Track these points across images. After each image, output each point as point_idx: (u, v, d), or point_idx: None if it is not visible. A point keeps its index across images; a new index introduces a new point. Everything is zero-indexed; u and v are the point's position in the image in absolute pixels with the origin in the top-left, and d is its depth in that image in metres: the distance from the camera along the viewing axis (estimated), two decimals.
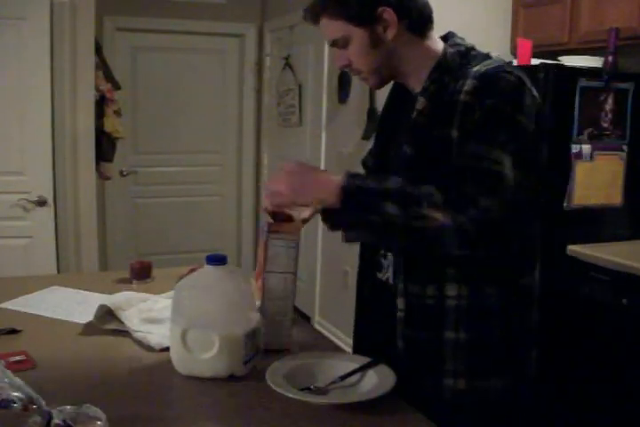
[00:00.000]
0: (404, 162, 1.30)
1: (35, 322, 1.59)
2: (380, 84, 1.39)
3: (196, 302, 1.28)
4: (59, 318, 1.62)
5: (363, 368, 1.27)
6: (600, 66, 2.71)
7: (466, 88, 1.22)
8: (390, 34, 1.30)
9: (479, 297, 1.28)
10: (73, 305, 1.71)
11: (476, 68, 1.25)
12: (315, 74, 4.20)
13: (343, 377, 1.24)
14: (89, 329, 1.54)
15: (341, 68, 1.39)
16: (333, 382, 1.23)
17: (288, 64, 4.54)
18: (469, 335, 1.28)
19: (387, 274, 1.39)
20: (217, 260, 1.30)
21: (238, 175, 5.15)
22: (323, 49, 4.04)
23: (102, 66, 4.00)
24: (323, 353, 1.36)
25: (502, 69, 1.24)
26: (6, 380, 0.95)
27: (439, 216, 1.16)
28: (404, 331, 1.32)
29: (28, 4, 3.11)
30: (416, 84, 1.34)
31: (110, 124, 4.02)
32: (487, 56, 1.31)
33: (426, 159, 1.27)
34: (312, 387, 1.21)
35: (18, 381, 0.96)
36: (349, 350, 1.65)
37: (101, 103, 3.91)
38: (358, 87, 3.69)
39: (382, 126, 1.50)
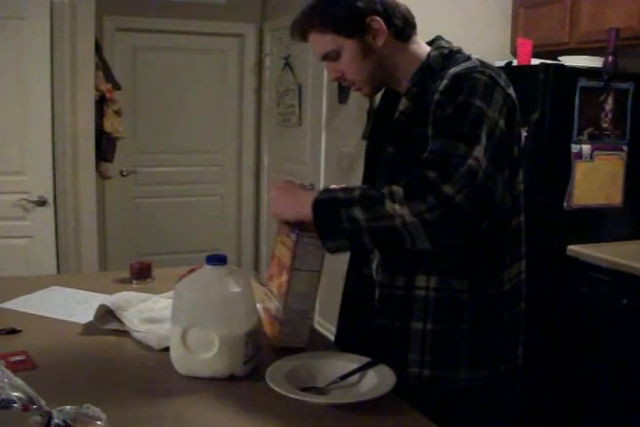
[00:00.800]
0: (386, 160, 1.36)
1: (35, 322, 1.59)
2: (374, 92, 1.44)
3: (195, 302, 1.28)
4: (59, 318, 1.62)
5: (363, 368, 1.27)
6: (600, 66, 2.71)
7: (440, 88, 1.26)
8: (380, 42, 1.34)
9: (447, 289, 1.30)
10: (73, 305, 1.71)
11: (452, 70, 1.28)
12: (315, 74, 4.19)
13: (343, 377, 1.24)
14: (89, 329, 1.54)
15: (335, 80, 1.43)
16: (333, 382, 1.23)
17: (288, 64, 4.54)
18: (436, 326, 1.30)
19: (372, 269, 1.43)
20: (217, 260, 1.30)
21: (238, 175, 5.15)
22: None
23: (102, 66, 4.00)
24: (323, 353, 1.36)
25: (475, 69, 1.26)
26: (6, 380, 0.95)
27: (403, 211, 1.14)
28: (377, 320, 1.36)
29: (28, 4, 3.11)
30: (404, 86, 1.38)
31: (110, 124, 4.02)
32: (468, 58, 1.33)
33: (405, 157, 1.31)
34: (312, 387, 1.21)
35: (18, 381, 0.96)
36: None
37: (101, 103, 3.91)
38: None
39: (373, 130, 1.55)
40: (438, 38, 1.42)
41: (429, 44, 1.41)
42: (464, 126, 1.19)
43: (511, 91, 1.29)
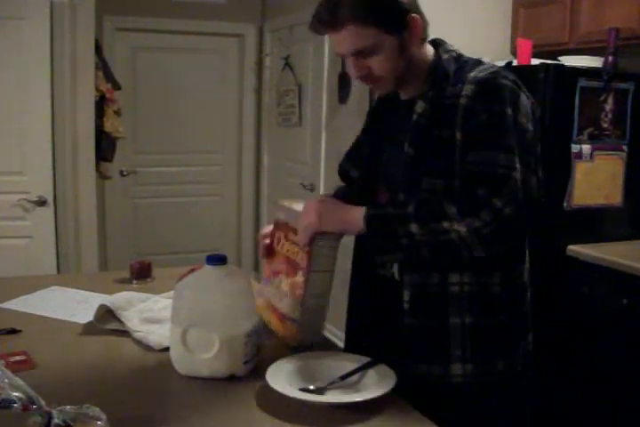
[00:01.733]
0: (405, 162, 1.33)
1: (35, 322, 1.59)
2: (391, 90, 1.42)
3: (195, 302, 1.28)
4: (59, 318, 1.62)
5: (363, 368, 1.27)
6: (600, 66, 2.71)
7: (465, 92, 1.27)
8: (416, 41, 1.32)
9: (481, 283, 1.32)
10: (73, 305, 1.71)
11: (472, 74, 1.29)
12: (315, 74, 4.20)
13: (343, 377, 1.25)
14: (89, 329, 1.54)
15: (359, 78, 1.36)
16: (333, 382, 1.23)
17: (288, 64, 4.54)
18: (474, 320, 1.32)
19: (391, 270, 1.40)
20: (217, 260, 1.30)
21: (238, 175, 5.15)
22: (323, 49, 4.04)
23: (102, 66, 4.00)
24: (323, 353, 1.36)
25: (498, 74, 1.29)
26: (6, 380, 0.95)
27: (459, 227, 1.20)
28: (410, 321, 1.34)
29: (28, 4, 3.11)
30: (409, 89, 1.38)
31: (110, 124, 4.02)
32: (479, 61, 1.35)
33: (425, 158, 1.30)
34: (312, 387, 1.22)
35: (18, 381, 0.96)
36: None
37: (101, 103, 3.91)
38: (358, 87, 3.69)
39: (372, 131, 1.53)
40: (442, 41, 1.42)
41: (432, 45, 1.40)
42: (501, 137, 1.23)
43: (527, 93, 1.34)
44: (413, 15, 1.30)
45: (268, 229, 1.54)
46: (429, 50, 1.39)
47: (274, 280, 1.46)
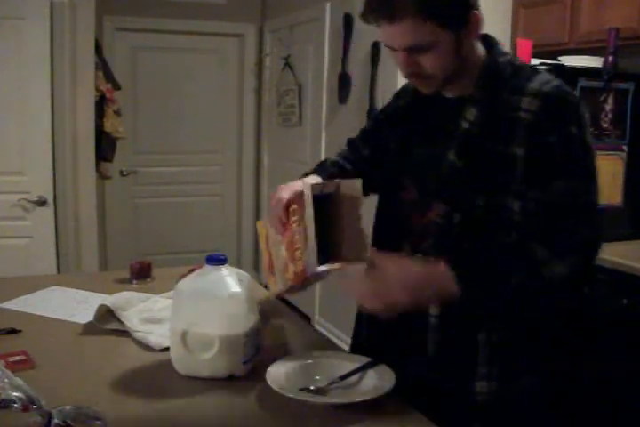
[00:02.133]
0: (452, 172, 1.25)
1: (35, 322, 1.59)
2: (438, 90, 1.29)
3: (195, 302, 1.28)
4: (59, 318, 1.62)
5: (363, 368, 1.27)
6: (600, 66, 2.71)
7: (526, 106, 1.19)
8: (474, 38, 1.24)
9: None
10: (73, 305, 1.71)
11: (534, 85, 1.21)
12: (315, 74, 4.20)
13: (343, 377, 1.24)
14: (89, 329, 1.54)
15: (407, 75, 1.26)
16: (333, 382, 1.23)
17: (288, 64, 4.54)
18: (502, 337, 1.27)
19: None
20: (217, 260, 1.30)
21: (238, 175, 5.15)
22: (323, 49, 4.05)
23: (102, 66, 4.00)
24: (323, 353, 1.36)
25: (563, 88, 1.22)
26: (6, 380, 0.95)
27: (559, 269, 1.16)
28: (436, 337, 1.29)
29: (28, 4, 3.11)
30: (455, 87, 1.28)
31: (110, 124, 4.02)
32: (535, 69, 1.28)
33: (479, 173, 1.22)
34: (312, 387, 1.21)
35: (18, 381, 0.96)
36: (349, 350, 1.65)
37: (101, 103, 3.91)
38: (358, 87, 3.69)
39: (403, 130, 1.40)
40: (494, 40, 1.31)
41: (482, 42, 1.29)
42: (582, 163, 1.20)
43: None
44: (476, 11, 1.20)
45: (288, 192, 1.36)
46: (480, 47, 1.28)
47: (273, 276, 1.42)
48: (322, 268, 1.27)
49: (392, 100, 1.52)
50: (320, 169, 1.50)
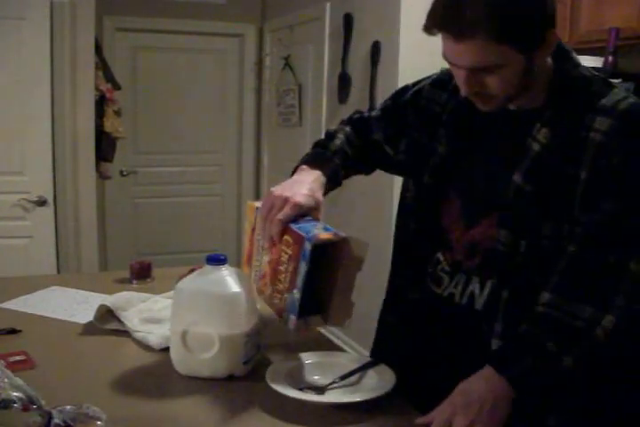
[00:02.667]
0: (518, 195, 1.15)
1: (35, 322, 1.59)
2: (499, 108, 1.17)
3: (195, 302, 1.27)
4: (59, 318, 1.62)
5: (363, 368, 1.27)
6: (600, 66, 2.71)
7: (599, 126, 1.09)
8: (546, 57, 1.13)
9: None
10: (73, 305, 1.71)
11: (607, 102, 1.11)
12: (315, 74, 4.20)
13: (343, 377, 1.24)
14: (89, 329, 1.54)
15: (468, 94, 1.14)
16: (333, 382, 1.23)
17: (288, 64, 4.54)
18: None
19: (447, 290, 1.28)
20: (217, 260, 1.30)
21: (238, 175, 5.15)
22: (323, 49, 4.05)
23: (102, 66, 4.00)
24: (323, 353, 1.36)
25: (637, 106, 1.11)
26: (6, 380, 0.95)
27: (606, 322, 1.08)
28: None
29: (28, 4, 3.11)
30: (519, 101, 1.17)
31: (110, 124, 4.02)
32: (607, 82, 1.17)
33: (548, 198, 1.13)
34: (312, 387, 1.21)
35: (18, 381, 0.96)
36: (349, 350, 1.65)
37: (101, 103, 3.91)
38: (358, 87, 3.69)
39: (449, 137, 1.28)
40: (569, 50, 1.18)
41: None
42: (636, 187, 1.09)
43: None
44: (552, 29, 1.08)
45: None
46: (548, 59, 1.16)
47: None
48: (298, 322, 1.21)
49: (428, 85, 1.35)
50: (322, 160, 1.36)
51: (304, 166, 1.34)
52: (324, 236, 1.17)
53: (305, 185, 1.26)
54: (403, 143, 1.37)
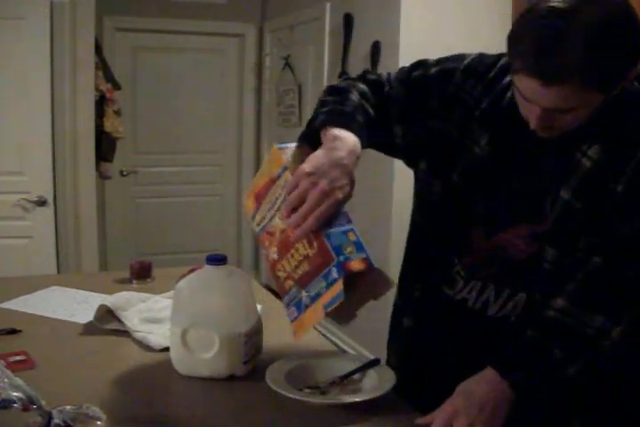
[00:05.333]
0: (567, 214, 1.11)
1: (35, 322, 1.59)
2: None
3: (195, 302, 1.28)
4: (59, 318, 1.62)
5: (363, 368, 1.27)
6: None
7: None
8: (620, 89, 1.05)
9: None
10: (73, 305, 1.71)
11: None
12: (315, 74, 4.20)
13: (343, 377, 1.24)
14: (89, 329, 1.54)
15: (538, 128, 1.06)
16: (333, 382, 1.23)
17: (288, 64, 4.54)
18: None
19: (461, 294, 1.25)
20: (217, 260, 1.30)
21: (238, 175, 5.15)
22: (323, 49, 4.05)
23: (102, 66, 4.00)
24: (323, 353, 1.36)
25: None
26: (6, 380, 0.95)
27: (615, 333, 1.07)
28: None
29: (28, 4, 3.11)
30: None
31: (110, 124, 4.02)
32: None
33: (593, 213, 1.09)
34: (312, 387, 1.21)
35: (18, 381, 0.96)
36: (349, 350, 1.65)
37: (101, 103, 3.91)
38: None
39: (490, 129, 1.19)
40: None
41: None
42: None
43: None
44: (634, 69, 1.00)
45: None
46: None
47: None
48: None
49: (460, 71, 1.23)
50: (349, 117, 1.17)
51: (330, 129, 1.14)
52: (355, 267, 1.06)
53: (341, 167, 1.07)
54: (414, 127, 1.26)
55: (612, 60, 0.96)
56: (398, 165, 1.43)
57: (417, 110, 1.25)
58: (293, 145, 1.20)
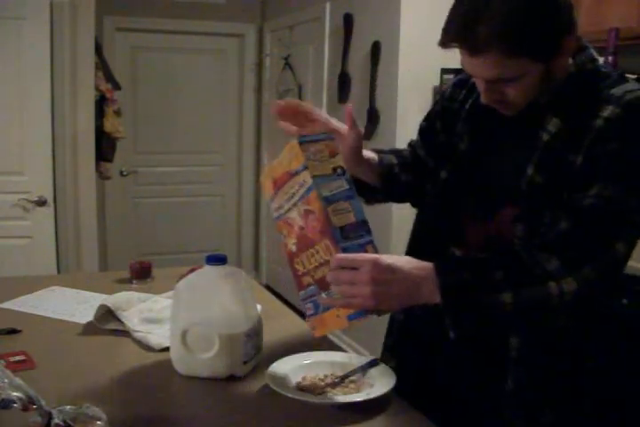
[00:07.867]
0: (532, 190, 1.14)
1: (35, 322, 1.59)
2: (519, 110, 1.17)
3: (195, 302, 1.28)
4: (59, 318, 1.62)
5: (363, 368, 1.27)
6: None
7: (605, 114, 1.08)
8: (564, 63, 1.12)
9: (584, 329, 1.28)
10: (73, 305, 1.71)
11: (616, 92, 1.10)
12: (315, 74, 4.20)
13: (343, 377, 1.25)
14: (89, 329, 1.54)
15: (489, 102, 1.14)
16: (333, 382, 1.23)
17: (288, 64, 4.54)
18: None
19: None
20: (217, 260, 1.30)
21: (238, 175, 5.15)
22: (323, 49, 4.05)
23: (102, 66, 4.00)
24: (323, 353, 1.36)
25: None
26: (6, 380, 0.95)
27: (567, 286, 1.06)
28: (518, 369, 1.21)
29: (28, 4, 3.11)
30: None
31: (110, 124, 4.02)
32: (622, 77, 1.17)
33: (555, 188, 1.12)
34: (312, 387, 1.21)
35: (18, 381, 0.96)
36: (349, 350, 1.65)
37: (101, 103, 3.91)
38: (358, 87, 3.69)
39: (471, 131, 1.27)
40: (585, 46, 1.17)
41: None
42: (631, 175, 1.08)
43: None
44: (568, 36, 1.07)
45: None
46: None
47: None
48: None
49: (450, 86, 1.37)
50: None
51: None
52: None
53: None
54: (432, 150, 1.38)
55: (533, 27, 1.02)
56: None
57: (432, 140, 1.38)
58: (315, 138, 1.21)
